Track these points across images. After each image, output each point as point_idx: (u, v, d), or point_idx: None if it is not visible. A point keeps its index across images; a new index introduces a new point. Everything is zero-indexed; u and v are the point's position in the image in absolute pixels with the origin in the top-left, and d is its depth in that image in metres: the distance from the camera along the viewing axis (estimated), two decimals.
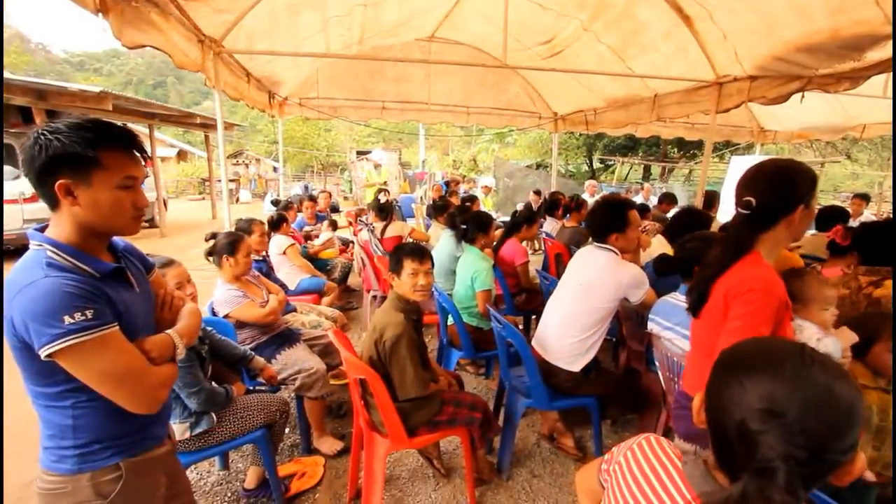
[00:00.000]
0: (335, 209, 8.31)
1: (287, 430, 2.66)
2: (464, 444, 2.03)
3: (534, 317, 3.67)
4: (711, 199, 5.25)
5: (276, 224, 3.98)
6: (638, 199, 5.86)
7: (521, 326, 3.68)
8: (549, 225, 5.48)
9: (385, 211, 4.77)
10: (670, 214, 5.24)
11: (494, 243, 3.65)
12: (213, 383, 1.97)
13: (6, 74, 7.46)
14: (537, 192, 9.08)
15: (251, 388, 2.31)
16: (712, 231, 2.45)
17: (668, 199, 5.79)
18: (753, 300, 1.19)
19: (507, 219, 4.63)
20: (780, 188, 1.25)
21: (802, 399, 0.61)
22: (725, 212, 7.25)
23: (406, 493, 2.21)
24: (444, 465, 2.34)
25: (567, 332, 2.16)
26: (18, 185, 6.60)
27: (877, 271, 1.91)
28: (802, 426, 0.59)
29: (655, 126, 6.72)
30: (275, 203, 5.78)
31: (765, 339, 0.73)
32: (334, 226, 5.17)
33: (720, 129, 6.86)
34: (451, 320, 2.87)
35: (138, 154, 1.05)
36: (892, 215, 3.94)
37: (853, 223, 3.97)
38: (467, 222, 3.16)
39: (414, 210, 8.94)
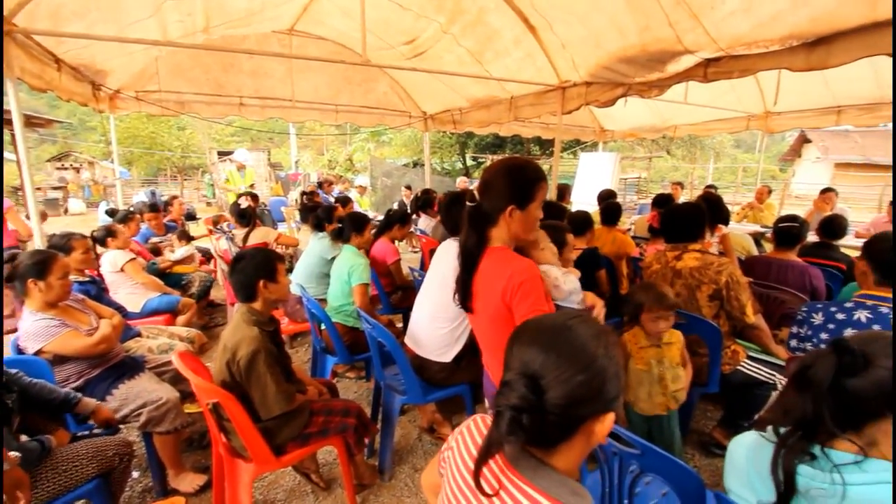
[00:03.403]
0: (191, 217, 7.41)
1: (137, 474, 2.32)
2: (339, 453, 1.97)
3: (411, 313, 3.72)
4: (563, 191, 5.87)
5: (101, 239, 3.37)
6: None
7: (399, 324, 3.70)
8: (424, 222, 5.60)
9: (246, 217, 4.39)
10: None
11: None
12: (24, 436, 1.63)
13: None
14: (408, 188, 9.26)
15: (85, 432, 1.96)
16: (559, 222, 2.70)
17: None
18: (528, 290, 1.31)
19: None
20: (497, 189, 1.37)
21: (543, 359, 0.70)
22: (576, 202, 8.19)
23: None
24: (322, 477, 2.24)
25: (436, 324, 2.21)
26: None
27: (677, 247, 2.31)
28: (535, 381, 0.69)
29: (516, 126, 7.27)
30: (110, 213, 4.91)
31: (540, 316, 0.83)
32: (187, 237, 4.57)
33: (569, 128, 7.69)
34: (324, 325, 2.76)
35: None
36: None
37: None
38: (343, 221, 3.16)
39: (284, 214, 8.41)
